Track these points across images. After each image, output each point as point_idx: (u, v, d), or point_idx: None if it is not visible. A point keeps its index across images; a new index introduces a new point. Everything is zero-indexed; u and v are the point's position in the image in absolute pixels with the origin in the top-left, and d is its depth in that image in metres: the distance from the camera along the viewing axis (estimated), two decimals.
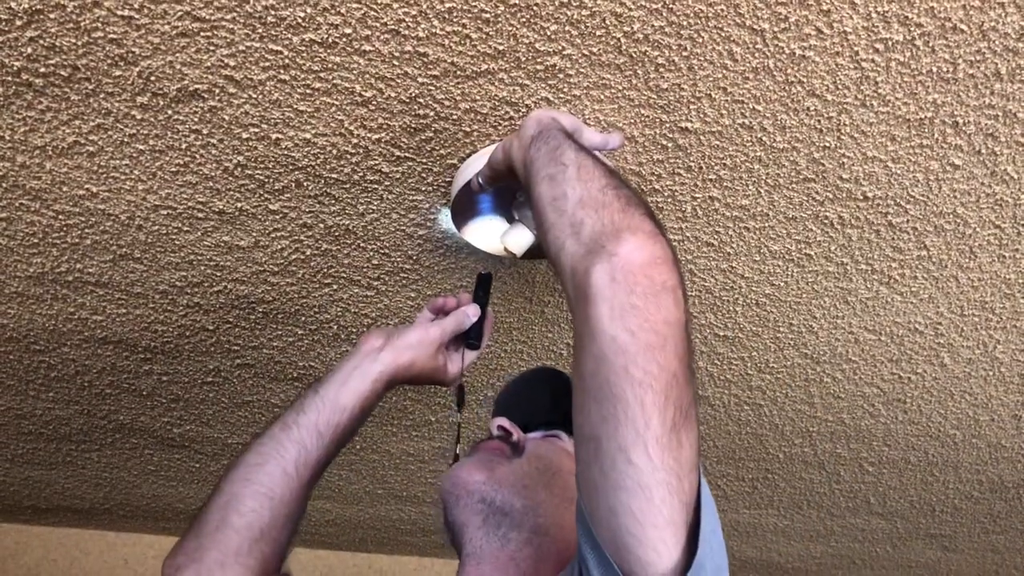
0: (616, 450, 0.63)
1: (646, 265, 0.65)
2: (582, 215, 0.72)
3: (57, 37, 0.90)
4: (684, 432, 0.63)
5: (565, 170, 0.78)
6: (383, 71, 0.94)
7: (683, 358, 0.65)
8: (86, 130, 1.03)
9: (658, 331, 0.64)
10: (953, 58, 0.90)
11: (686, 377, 0.65)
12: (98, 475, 2.21)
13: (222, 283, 1.33)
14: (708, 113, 0.99)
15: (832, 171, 1.07)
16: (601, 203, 0.72)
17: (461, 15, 0.87)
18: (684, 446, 0.63)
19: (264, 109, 0.99)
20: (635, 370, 0.62)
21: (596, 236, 0.69)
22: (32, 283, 1.32)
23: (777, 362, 1.53)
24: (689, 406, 0.64)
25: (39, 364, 1.58)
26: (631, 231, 0.68)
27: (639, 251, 0.66)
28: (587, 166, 0.78)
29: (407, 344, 1.04)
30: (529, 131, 0.88)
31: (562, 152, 0.81)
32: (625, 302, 0.64)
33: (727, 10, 0.86)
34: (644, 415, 0.62)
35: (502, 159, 0.93)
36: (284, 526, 0.96)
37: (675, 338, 0.64)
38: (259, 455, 0.97)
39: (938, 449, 1.83)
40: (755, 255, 1.24)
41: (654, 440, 0.62)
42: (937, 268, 1.25)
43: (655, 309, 0.64)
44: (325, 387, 1.02)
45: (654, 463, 0.61)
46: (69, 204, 1.15)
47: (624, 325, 0.63)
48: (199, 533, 0.94)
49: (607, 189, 0.74)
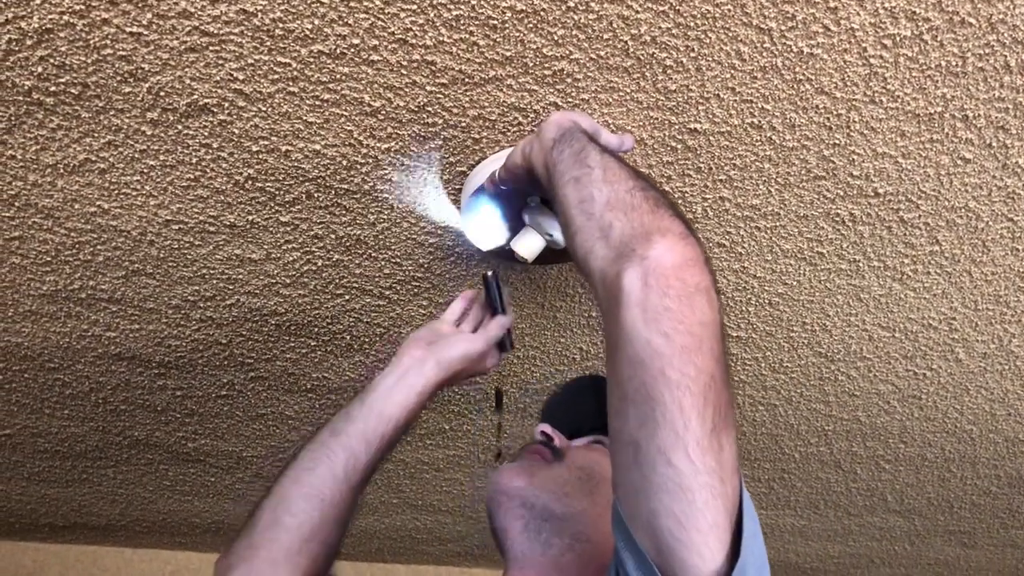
0: (656, 452, 0.62)
1: (678, 267, 0.65)
2: (611, 218, 0.72)
3: (67, 56, 0.90)
4: (724, 434, 0.62)
5: (591, 172, 0.78)
6: (391, 80, 0.94)
7: (719, 359, 0.64)
8: (97, 147, 1.03)
9: (693, 333, 0.63)
10: (962, 52, 0.90)
11: (723, 378, 0.64)
12: (114, 491, 2.21)
13: (234, 296, 1.33)
14: (717, 113, 0.99)
15: (842, 168, 1.07)
16: (630, 205, 0.71)
17: (468, 22, 0.88)
18: (725, 448, 0.62)
19: (274, 122, 1.00)
20: (672, 372, 0.62)
21: (626, 239, 0.69)
22: (46, 301, 1.33)
23: (791, 361, 1.52)
24: (727, 407, 0.63)
25: (54, 382, 1.58)
26: (661, 233, 0.67)
27: (670, 253, 0.65)
28: (613, 168, 0.78)
29: (451, 360, 1.05)
30: (550, 133, 0.87)
31: (587, 154, 0.80)
32: (659, 305, 0.63)
33: (734, 10, 0.86)
34: (683, 417, 0.61)
35: (520, 162, 0.92)
36: (334, 528, 0.97)
37: (711, 339, 0.64)
38: (309, 459, 0.99)
39: (955, 445, 1.82)
40: (767, 255, 1.23)
41: (694, 442, 0.61)
42: (950, 263, 1.24)
43: (689, 311, 0.63)
44: (371, 398, 1.03)
45: (695, 465, 0.60)
46: (81, 221, 1.16)
47: (659, 328, 0.63)
48: (250, 533, 0.95)
49: (635, 191, 0.73)
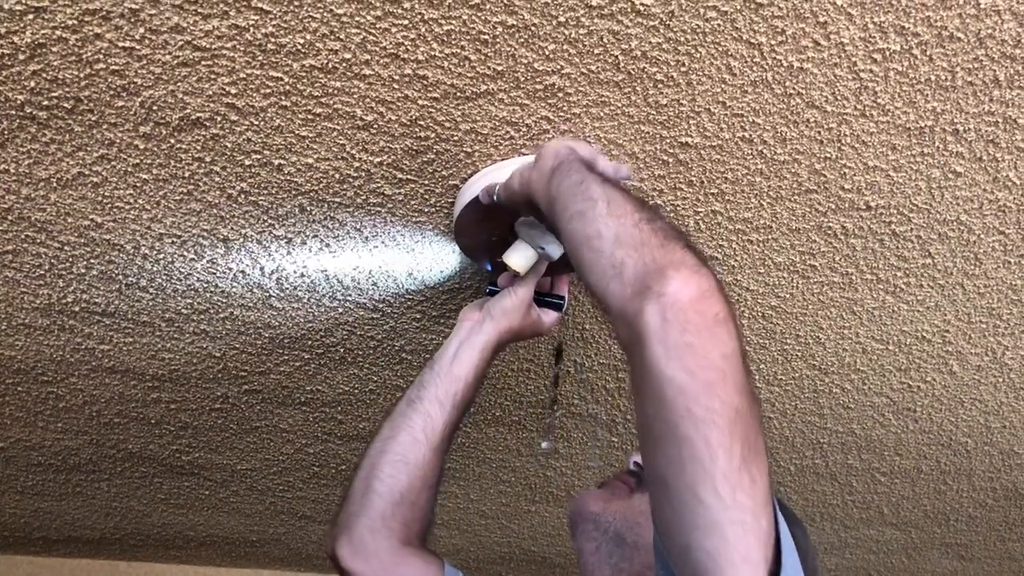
0: (684, 490, 0.61)
1: (696, 300, 0.64)
2: (622, 255, 0.71)
3: (60, 70, 0.91)
4: (755, 466, 0.61)
5: (595, 206, 0.77)
6: (383, 95, 0.95)
7: (744, 390, 0.63)
8: (90, 161, 1.04)
9: (716, 367, 0.62)
10: (951, 66, 0.91)
11: (750, 409, 0.63)
12: (108, 505, 2.21)
13: (228, 310, 1.33)
14: (708, 127, 0.99)
15: (834, 182, 1.07)
16: (639, 240, 0.71)
17: (459, 37, 0.88)
18: (757, 481, 0.61)
19: (266, 136, 1.00)
20: (697, 409, 0.61)
21: (640, 276, 0.68)
22: (39, 314, 1.33)
23: (785, 374, 1.52)
24: (756, 439, 0.62)
25: (47, 395, 1.58)
26: (675, 267, 0.66)
27: (686, 287, 0.65)
28: (617, 200, 0.77)
29: (503, 310, 1.12)
30: (548, 163, 0.87)
31: (587, 186, 0.80)
32: (679, 341, 0.63)
33: (724, 25, 0.86)
34: (710, 453, 0.60)
35: (519, 189, 0.92)
36: (422, 491, 1.07)
37: (734, 371, 0.63)
38: (389, 429, 1.08)
39: (950, 457, 1.82)
40: (759, 267, 1.24)
41: (722, 477, 0.60)
42: (943, 276, 1.24)
43: (711, 345, 0.63)
44: (439, 364, 1.11)
45: (725, 501, 0.59)
46: (74, 235, 1.16)
47: (682, 365, 0.62)
48: (348, 504, 1.06)
49: (642, 224, 0.73)
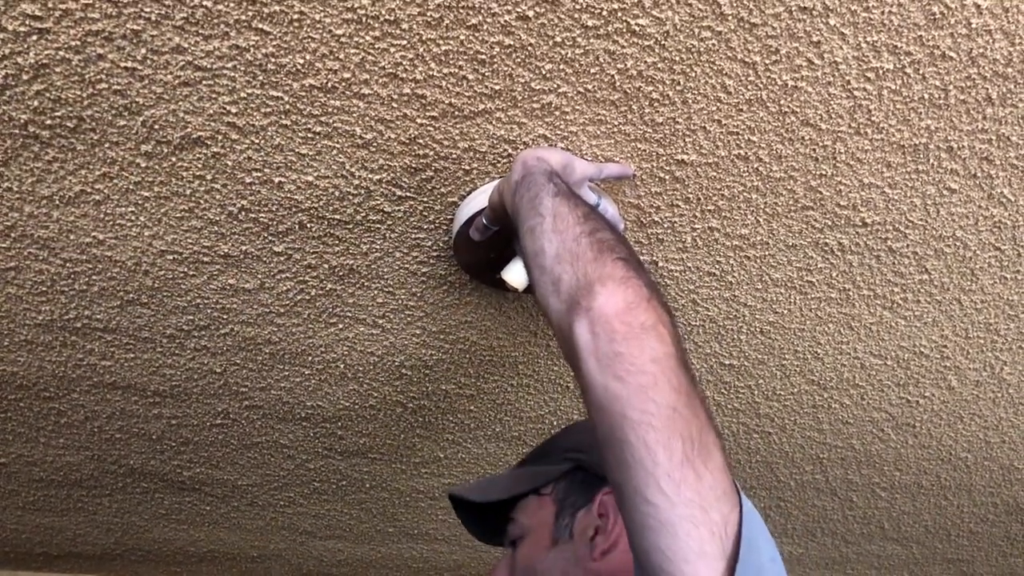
0: (633, 492, 0.63)
1: (621, 312, 0.68)
2: (559, 271, 0.75)
3: (63, 90, 0.92)
4: (700, 462, 0.63)
5: (543, 222, 0.80)
6: (382, 113, 0.96)
7: (681, 389, 0.65)
8: (92, 179, 1.05)
9: (646, 371, 0.65)
10: (944, 85, 0.92)
11: (689, 407, 0.65)
12: (109, 520, 2.20)
13: (229, 326, 1.34)
14: (704, 145, 1.00)
15: (830, 199, 1.08)
16: (575, 255, 0.75)
17: (457, 57, 0.89)
18: (704, 476, 0.63)
19: (266, 154, 1.01)
20: (632, 412, 0.64)
21: (572, 292, 0.72)
22: (41, 331, 1.33)
23: (784, 389, 1.53)
24: (700, 435, 0.64)
25: (49, 411, 1.59)
26: (601, 282, 0.70)
27: (612, 299, 0.69)
28: (562, 214, 0.80)
29: None
30: (515, 175, 0.89)
31: (540, 201, 0.83)
32: (608, 351, 0.66)
33: (718, 45, 0.87)
34: (650, 454, 0.62)
35: (498, 201, 0.95)
36: None
37: (666, 373, 0.65)
38: None
39: (950, 473, 1.82)
40: (757, 283, 1.24)
41: (665, 476, 0.62)
42: (939, 291, 1.25)
43: (638, 351, 0.66)
44: None
45: (671, 499, 0.61)
46: (76, 252, 1.17)
47: (613, 373, 0.66)
48: None
49: (581, 238, 0.76)
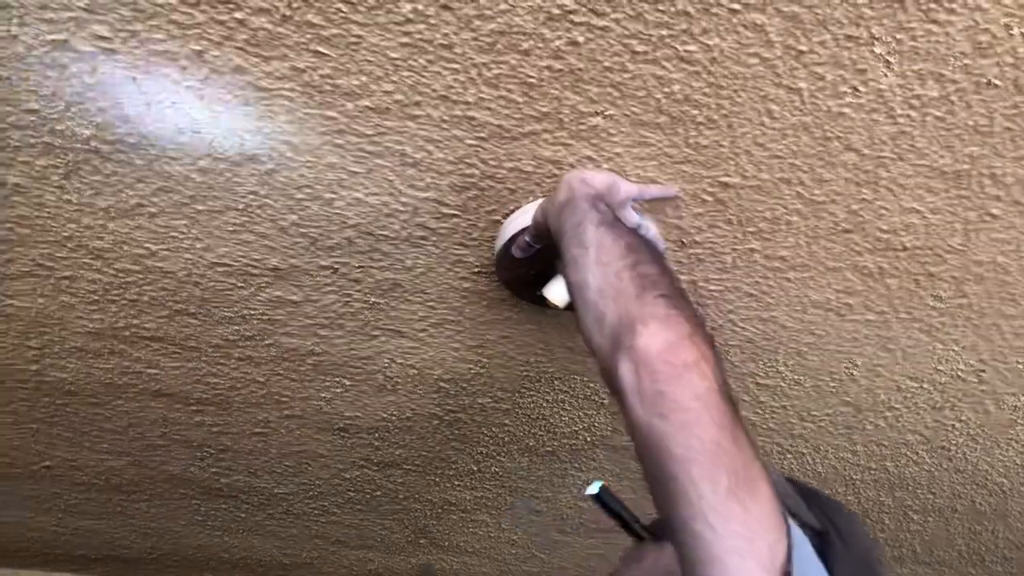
0: (680, 527, 0.65)
1: (662, 352, 0.69)
2: (603, 307, 0.76)
3: (126, 107, 0.95)
4: (746, 494, 0.64)
5: (586, 253, 0.82)
6: (433, 134, 0.98)
7: (724, 424, 0.67)
8: (148, 192, 1.08)
9: (689, 408, 0.66)
10: (989, 112, 0.92)
11: (733, 441, 0.66)
12: (146, 525, 2.24)
13: (273, 336, 1.37)
14: (747, 168, 1.02)
15: (870, 222, 1.09)
16: (617, 291, 0.76)
17: (507, 80, 0.91)
18: (750, 509, 0.64)
19: (319, 171, 1.04)
20: (676, 448, 0.65)
21: (615, 331, 0.74)
22: (91, 338, 1.37)
23: (819, 410, 1.53)
24: (745, 468, 0.65)
25: (94, 416, 1.62)
26: (643, 322, 0.72)
27: (653, 340, 0.70)
28: (606, 246, 0.81)
29: None
30: (560, 197, 0.91)
31: (583, 230, 0.84)
32: (651, 390, 0.68)
33: (765, 71, 0.89)
34: (695, 488, 0.64)
35: (541, 220, 0.96)
36: None
37: (708, 409, 0.67)
38: None
39: (985, 497, 1.81)
40: (796, 305, 1.25)
41: (711, 510, 0.63)
42: (978, 316, 1.25)
43: (680, 389, 0.67)
44: None
45: (717, 532, 0.63)
46: (129, 262, 1.20)
47: (656, 411, 0.67)
48: None
49: (623, 272, 0.77)
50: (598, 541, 2.17)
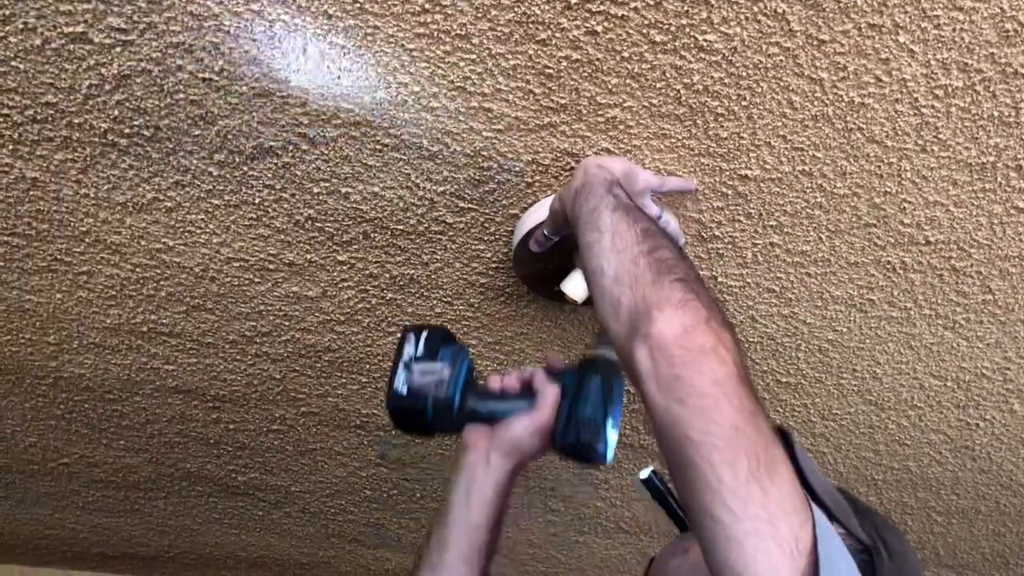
0: (700, 511, 0.64)
1: (679, 337, 0.68)
2: (618, 294, 0.75)
3: (142, 100, 0.95)
4: (766, 478, 0.63)
5: (601, 239, 0.81)
6: (449, 126, 0.97)
7: (742, 408, 0.65)
8: (165, 187, 1.08)
9: (706, 393, 0.65)
10: (1015, 102, 0.91)
11: (753, 424, 0.65)
12: (164, 522, 2.25)
13: (290, 332, 1.36)
14: (768, 160, 1.00)
15: (893, 216, 1.07)
16: (634, 277, 0.75)
17: (525, 71, 0.90)
18: (770, 492, 0.63)
19: (335, 165, 1.03)
20: (694, 434, 0.64)
21: (631, 317, 0.73)
22: (109, 334, 1.37)
23: (840, 408, 1.51)
24: (765, 451, 0.64)
25: (112, 413, 1.63)
26: (659, 307, 0.71)
27: (669, 325, 0.69)
28: (621, 232, 0.80)
29: (513, 442, 0.95)
30: (575, 182, 0.90)
31: (599, 215, 0.83)
32: (668, 375, 0.67)
33: (786, 60, 0.88)
34: (714, 473, 0.63)
35: (559, 209, 0.95)
36: None
37: (727, 393, 0.66)
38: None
39: (1010, 499, 1.78)
40: (817, 301, 1.24)
41: (731, 493, 0.62)
42: (1003, 312, 1.23)
43: (698, 375, 0.66)
44: (450, 518, 0.94)
45: (736, 515, 0.62)
46: (146, 257, 1.20)
47: (674, 397, 0.66)
48: None
49: (640, 258, 0.76)
50: (615, 542, 2.15)
